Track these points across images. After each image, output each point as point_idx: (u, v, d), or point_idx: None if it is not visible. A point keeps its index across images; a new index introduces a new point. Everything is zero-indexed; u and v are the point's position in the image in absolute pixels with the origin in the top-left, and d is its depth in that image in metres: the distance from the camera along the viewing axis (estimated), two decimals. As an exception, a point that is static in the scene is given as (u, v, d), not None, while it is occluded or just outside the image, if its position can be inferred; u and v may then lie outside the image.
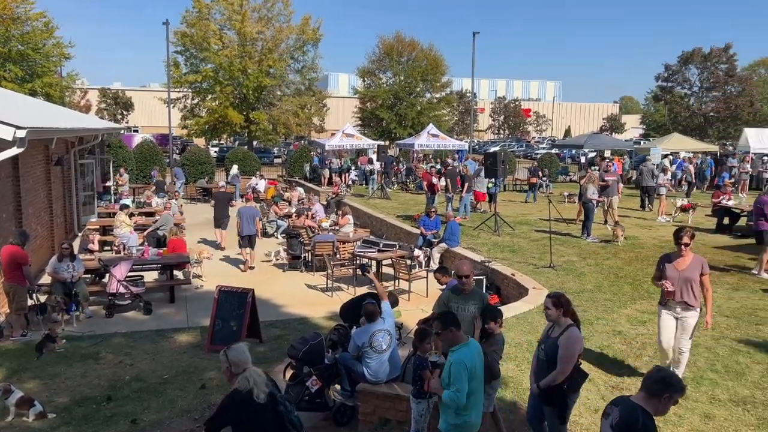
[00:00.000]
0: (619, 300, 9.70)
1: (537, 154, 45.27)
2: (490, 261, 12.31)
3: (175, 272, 12.03)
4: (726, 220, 16.18)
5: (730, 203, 16.58)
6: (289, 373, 6.76)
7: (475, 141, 65.66)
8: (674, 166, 25.52)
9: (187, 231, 16.19)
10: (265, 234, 17.51)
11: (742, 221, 15.85)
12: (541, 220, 17.00)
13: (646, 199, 20.20)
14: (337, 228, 14.96)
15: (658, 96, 54.06)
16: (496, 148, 42.16)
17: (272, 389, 4.09)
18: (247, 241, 13.62)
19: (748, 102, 50.13)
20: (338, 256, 13.17)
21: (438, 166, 23.64)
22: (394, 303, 7.76)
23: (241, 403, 3.92)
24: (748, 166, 24.83)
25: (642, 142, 45.53)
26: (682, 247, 6.10)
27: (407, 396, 5.77)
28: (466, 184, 18.28)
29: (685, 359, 6.42)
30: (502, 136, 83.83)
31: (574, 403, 5.02)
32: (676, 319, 6.29)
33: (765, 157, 25.70)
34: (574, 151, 42.20)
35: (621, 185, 19.34)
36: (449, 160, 23.05)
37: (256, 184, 23.88)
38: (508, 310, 9.35)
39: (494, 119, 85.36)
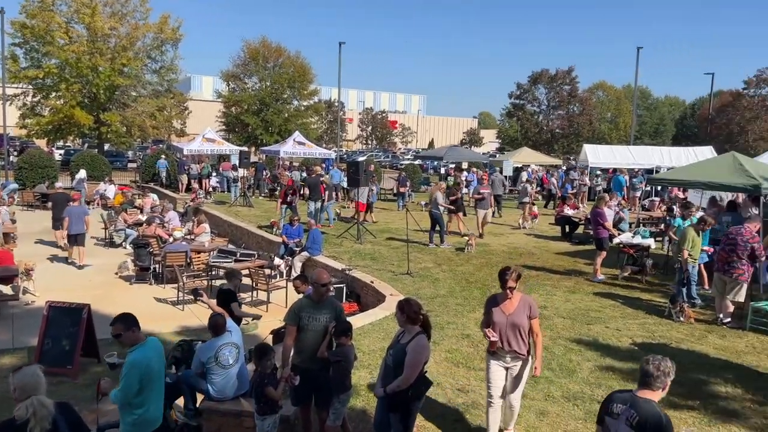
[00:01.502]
0: (469, 304, 10.12)
1: (402, 164, 46.59)
2: (351, 269, 12.35)
3: (1, 287, 10.73)
4: (567, 228, 17.63)
5: (570, 213, 18.09)
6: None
7: (343, 150, 66.27)
8: (524, 179, 27.40)
9: (19, 241, 14.60)
10: (112, 244, 16.33)
11: (581, 229, 17.35)
12: (403, 229, 17.38)
13: (496, 207, 21.48)
14: (192, 237, 14.24)
15: (512, 112, 58.03)
16: (363, 158, 42.84)
17: (61, 427, 3.63)
18: (74, 239, 13.76)
19: (587, 121, 55.41)
20: (192, 267, 12.51)
21: (302, 174, 23.42)
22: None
23: None
24: (587, 178, 27.34)
25: (498, 155, 48.52)
26: (508, 291, 5.35)
27: (252, 411, 5.55)
28: (327, 192, 18.26)
29: (515, 416, 5.69)
30: (369, 146, 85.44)
31: (417, 410, 5.09)
32: (506, 369, 5.49)
33: (598, 171, 28.39)
34: (436, 163, 43.98)
35: (493, 198, 20.42)
36: (317, 168, 22.92)
37: (105, 190, 22.16)
38: (365, 317, 9.43)
39: (362, 129, 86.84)
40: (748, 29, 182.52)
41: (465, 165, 31.58)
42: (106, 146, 37.46)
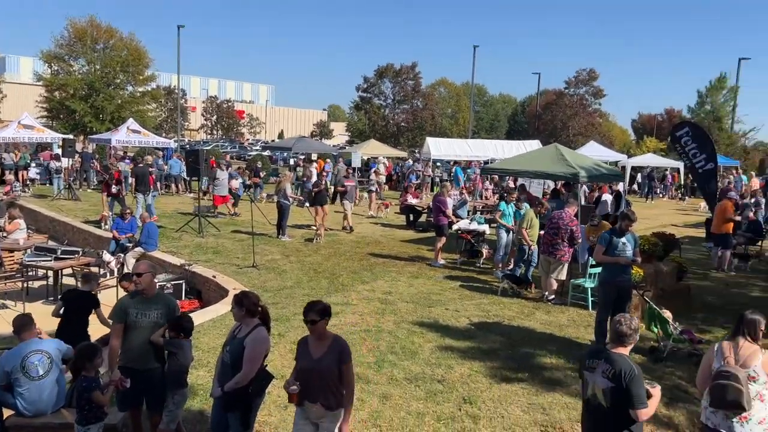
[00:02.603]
0: (316, 294, 9.97)
1: (249, 155, 45.38)
2: (191, 264, 11.69)
3: None
4: (411, 217, 18.25)
5: (414, 202, 18.75)
6: None
7: (186, 140, 62.97)
8: (373, 169, 27.98)
9: None
10: None
11: (424, 217, 18.04)
12: (249, 221, 16.83)
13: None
14: (4, 234, 12.58)
15: (359, 105, 58.92)
16: (208, 148, 40.94)
17: None
18: None
19: (430, 115, 57.91)
20: (4, 267, 11.04)
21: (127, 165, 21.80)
22: None
23: None
24: (430, 170, 28.59)
25: (347, 147, 48.99)
26: (309, 325, 4.44)
27: (72, 423, 4.97)
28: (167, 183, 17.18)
29: None
30: (215, 136, 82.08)
31: (258, 406, 4.88)
32: (315, 425, 4.42)
33: (438, 163, 29.85)
34: (285, 154, 43.38)
35: (358, 191, 20.47)
36: (147, 158, 21.45)
37: None
38: (205, 314, 8.98)
39: (207, 119, 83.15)
40: (570, 32, 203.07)
41: (314, 156, 31.44)
42: None
